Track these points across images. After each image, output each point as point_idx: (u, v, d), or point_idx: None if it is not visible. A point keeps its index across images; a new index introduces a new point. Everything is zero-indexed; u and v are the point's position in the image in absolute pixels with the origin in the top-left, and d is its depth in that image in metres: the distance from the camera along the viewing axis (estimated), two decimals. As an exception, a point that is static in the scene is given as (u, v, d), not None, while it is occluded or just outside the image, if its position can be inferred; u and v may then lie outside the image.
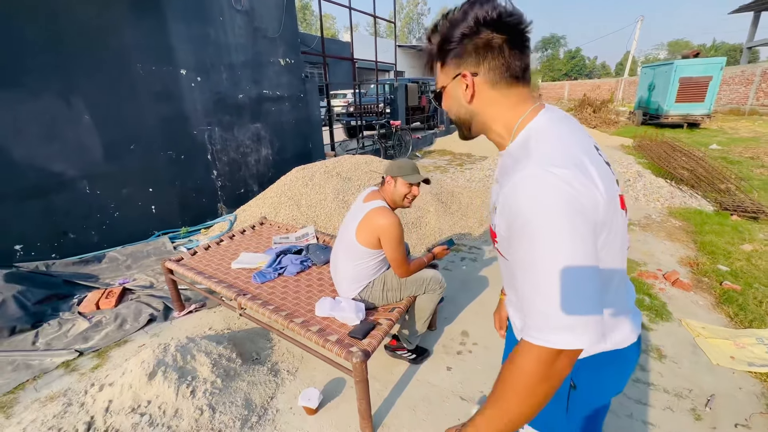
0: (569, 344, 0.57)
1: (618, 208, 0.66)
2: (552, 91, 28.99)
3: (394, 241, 1.73)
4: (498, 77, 0.69)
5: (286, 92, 5.27)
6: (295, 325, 1.72)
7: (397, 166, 1.81)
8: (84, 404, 1.75)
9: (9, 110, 2.80)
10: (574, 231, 0.57)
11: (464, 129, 0.79)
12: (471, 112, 0.74)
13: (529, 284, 0.60)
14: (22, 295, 2.54)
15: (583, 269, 0.57)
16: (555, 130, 0.68)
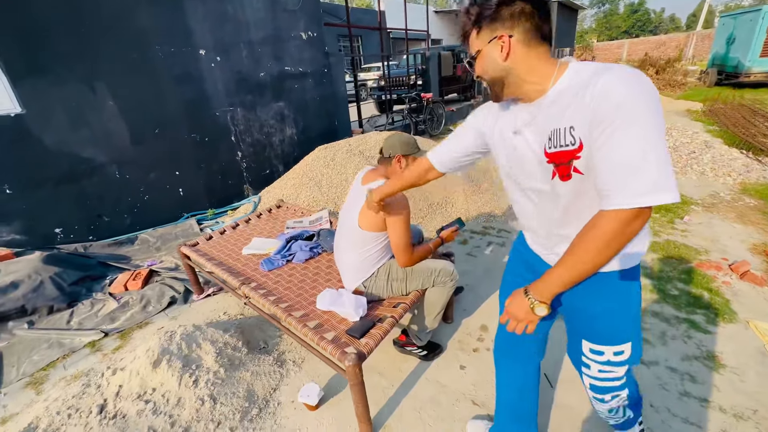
0: (670, 200, 0.70)
1: None
2: (607, 52, 26.10)
3: (400, 222, 1.56)
4: (530, 38, 0.84)
5: (309, 68, 5.10)
6: (293, 319, 1.63)
7: (404, 143, 1.63)
8: (100, 386, 1.81)
9: (39, 99, 2.90)
10: (661, 116, 0.72)
11: (497, 88, 0.91)
12: (506, 69, 0.87)
13: (628, 156, 0.71)
14: (59, 276, 2.70)
15: (665, 147, 0.72)
16: (595, 63, 0.83)
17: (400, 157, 1.64)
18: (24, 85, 2.82)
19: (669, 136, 5.27)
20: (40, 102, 2.90)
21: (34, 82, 2.87)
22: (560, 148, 0.84)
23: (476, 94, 10.51)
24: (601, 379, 1.06)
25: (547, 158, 0.88)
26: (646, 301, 2.23)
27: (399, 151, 1.63)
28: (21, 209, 2.93)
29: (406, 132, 6.90)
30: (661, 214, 3.35)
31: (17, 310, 2.44)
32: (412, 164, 1.58)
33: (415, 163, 1.34)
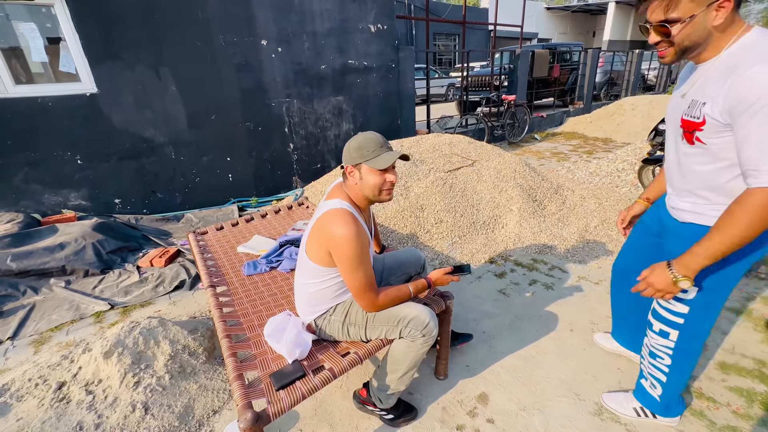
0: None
1: None
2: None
3: (348, 261, 1.19)
4: (738, 1, 0.88)
5: (374, 62, 4.88)
6: (227, 341, 1.40)
7: (356, 147, 1.25)
8: (72, 362, 1.83)
9: (111, 81, 3.21)
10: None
11: (689, 53, 0.96)
12: (711, 34, 0.90)
13: (764, 142, 0.82)
14: (101, 243, 2.95)
15: None
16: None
17: (350, 168, 1.27)
18: (100, 68, 3.14)
19: None
20: (111, 84, 3.21)
21: (108, 66, 3.17)
22: (690, 117, 0.97)
23: (576, 99, 9.15)
24: (662, 307, 1.22)
25: (681, 122, 1.02)
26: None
27: (349, 161, 1.26)
28: (89, 179, 3.30)
29: (480, 138, 6.26)
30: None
31: (59, 269, 2.71)
32: (374, 176, 1.22)
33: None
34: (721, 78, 0.88)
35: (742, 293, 2.25)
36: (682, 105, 1.02)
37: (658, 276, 1.03)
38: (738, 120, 0.85)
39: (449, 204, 3.27)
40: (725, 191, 0.99)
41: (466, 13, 6.25)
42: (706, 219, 1.05)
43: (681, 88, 1.07)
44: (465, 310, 2.24)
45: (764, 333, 1.92)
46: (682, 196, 1.12)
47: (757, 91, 0.80)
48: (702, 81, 0.96)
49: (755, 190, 0.85)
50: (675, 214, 1.17)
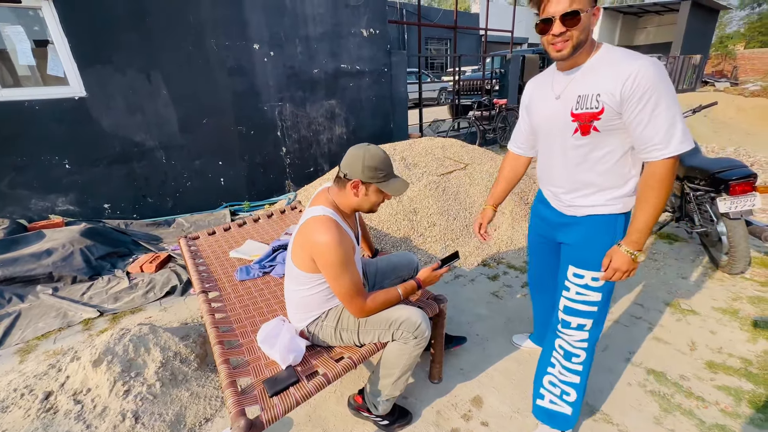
0: (691, 145, 1.01)
1: None
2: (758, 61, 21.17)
3: (331, 267, 1.19)
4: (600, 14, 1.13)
5: (367, 66, 4.90)
6: (219, 348, 1.38)
7: (370, 167, 1.23)
8: (60, 371, 1.79)
9: (101, 85, 3.17)
10: (674, 91, 1.01)
11: (578, 49, 1.06)
12: (588, 35, 1.05)
13: (666, 121, 0.99)
14: (89, 249, 2.89)
15: (680, 110, 1.01)
16: (623, 48, 1.09)
17: (358, 182, 1.25)
18: (89, 72, 3.11)
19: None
20: (101, 88, 3.17)
21: (98, 69, 3.14)
22: (585, 109, 1.09)
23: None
24: (576, 301, 1.28)
25: (572, 117, 1.12)
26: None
27: (359, 176, 1.24)
28: (77, 183, 3.25)
29: (472, 141, 6.31)
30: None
31: (46, 276, 2.66)
32: (379, 196, 1.24)
33: (507, 158, 1.55)
34: (605, 74, 1.04)
35: (728, 294, 2.29)
36: (565, 104, 1.13)
37: (620, 259, 1.12)
38: (636, 105, 1.00)
39: (442, 207, 3.29)
40: (611, 173, 1.14)
41: (458, 18, 6.32)
42: (603, 208, 1.18)
43: (547, 93, 1.20)
44: (458, 312, 2.25)
45: (750, 332, 1.96)
46: (574, 192, 1.21)
47: (648, 80, 0.97)
48: (580, 81, 1.09)
49: (664, 161, 1.01)
50: (571, 212, 1.25)
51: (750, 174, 2.22)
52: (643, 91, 0.98)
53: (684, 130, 0.99)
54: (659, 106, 0.98)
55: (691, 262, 2.68)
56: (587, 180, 1.17)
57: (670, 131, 0.98)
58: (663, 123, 0.99)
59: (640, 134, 1.02)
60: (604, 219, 1.20)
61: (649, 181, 1.05)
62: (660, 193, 1.03)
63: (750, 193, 2.21)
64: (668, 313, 2.15)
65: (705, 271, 2.55)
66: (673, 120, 0.98)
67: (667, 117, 0.98)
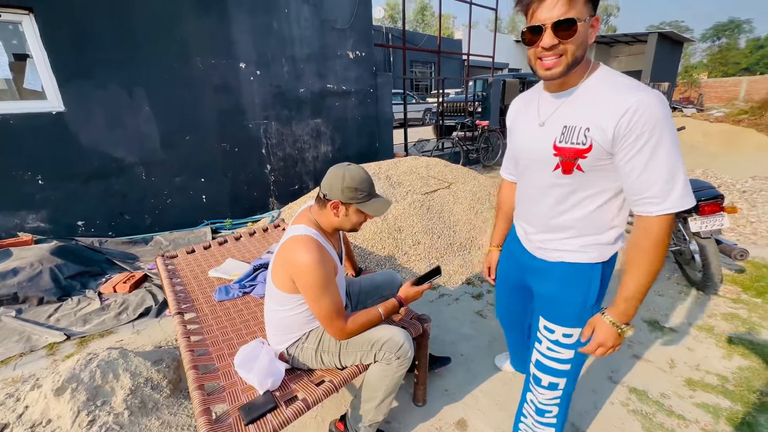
0: (692, 203, 0.84)
1: None
2: (720, 89, 22.66)
3: (311, 289, 1.17)
4: (599, 26, 0.88)
5: (353, 87, 4.99)
6: (193, 373, 1.32)
7: (350, 188, 1.22)
8: (18, 401, 1.67)
9: (80, 99, 3.11)
10: (677, 135, 0.86)
11: (574, 66, 0.87)
12: (585, 52, 0.87)
13: (666, 169, 0.82)
14: (59, 268, 2.76)
15: (682, 160, 0.85)
16: (623, 75, 0.90)
17: (338, 203, 1.24)
18: (69, 86, 3.05)
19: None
20: (80, 102, 3.11)
21: (78, 84, 3.08)
22: (570, 144, 0.91)
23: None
24: (548, 357, 1.14)
25: (555, 151, 0.94)
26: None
27: (338, 197, 1.23)
28: (50, 200, 3.13)
29: (456, 161, 6.44)
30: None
31: (9, 297, 2.51)
32: (360, 216, 1.26)
33: (502, 188, 1.40)
34: (600, 104, 0.86)
35: (704, 311, 2.36)
36: (548, 133, 0.96)
37: (605, 333, 0.95)
38: (632, 147, 0.82)
39: (427, 225, 3.31)
40: (591, 219, 0.98)
41: (441, 43, 6.56)
42: (576, 255, 1.02)
43: (530, 118, 1.02)
44: (443, 332, 2.23)
45: (725, 349, 2.01)
46: (548, 232, 1.06)
47: (650, 118, 0.79)
48: (568, 108, 0.91)
49: (660, 218, 0.84)
50: (541, 254, 1.10)
51: (717, 195, 2.33)
52: (642, 130, 0.80)
53: (686, 183, 0.82)
54: (659, 151, 0.81)
55: (667, 279, 2.75)
56: (563, 224, 1.01)
57: (670, 182, 0.82)
58: (662, 172, 0.82)
59: (633, 182, 0.85)
60: (577, 268, 1.03)
61: (642, 242, 0.87)
62: (655, 256, 0.87)
63: (718, 213, 2.31)
64: (647, 330, 2.19)
65: (681, 289, 2.62)
66: (674, 169, 0.81)
67: (668, 165, 0.81)
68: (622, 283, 0.92)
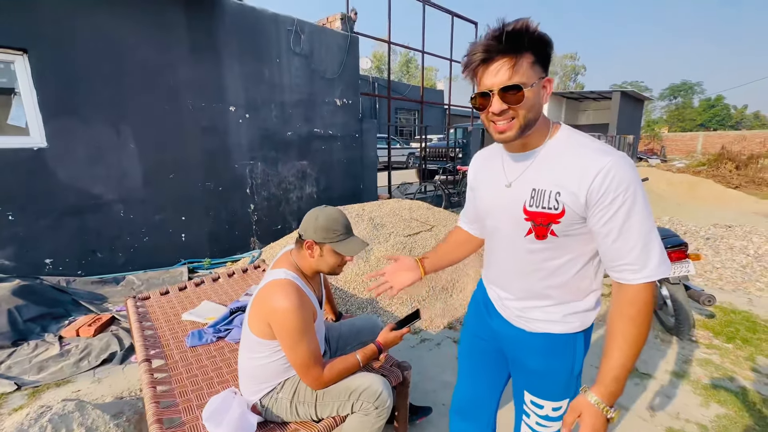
0: (670, 270, 0.82)
1: None
2: (679, 143, 24.65)
3: (288, 335, 1.16)
4: (551, 87, 0.86)
5: (339, 132, 5.18)
6: (157, 427, 1.23)
7: (324, 228, 1.26)
8: (-48, 462, 1.49)
9: (64, 136, 3.11)
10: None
11: (528, 129, 0.85)
12: (540, 114, 0.85)
13: (641, 235, 0.79)
14: (18, 309, 2.59)
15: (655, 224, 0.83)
16: (587, 135, 0.89)
17: (312, 243, 1.27)
18: (54, 123, 3.06)
19: (750, 242, 4.36)
20: (64, 139, 3.11)
21: (63, 121, 3.10)
22: (541, 209, 0.87)
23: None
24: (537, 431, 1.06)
25: (526, 215, 0.89)
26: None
27: (312, 236, 1.26)
28: (18, 236, 3.00)
29: (438, 204, 6.61)
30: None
31: (-42, 341, 2.32)
32: (335, 257, 1.25)
33: (454, 232, 1.28)
34: (567, 167, 0.83)
35: (679, 356, 2.39)
36: (516, 195, 0.91)
37: (593, 418, 0.82)
38: (605, 212, 0.80)
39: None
40: (570, 286, 0.93)
41: (424, 93, 6.99)
42: (559, 326, 0.96)
43: (496, 177, 0.97)
44: (423, 379, 2.17)
45: (702, 396, 2.03)
46: (527, 299, 0.98)
47: (622, 182, 0.77)
48: (534, 170, 0.88)
49: (641, 286, 0.80)
50: (521, 324, 1.01)
51: (681, 243, 2.47)
52: (616, 193, 0.78)
53: (662, 250, 0.80)
54: (633, 216, 0.79)
55: (643, 324, 2.80)
56: (541, 291, 0.95)
57: (647, 249, 0.79)
58: (638, 238, 0.79)
59: (608, 248, 0.82)
60: (562, 339, 0.97)
61: (625, 309, 0.82)
62: (641, 325, 0.81)
63: (684, 260, 2.44)
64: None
65: (657, 334, 2.67)
66: (649, 235, 0.79)
67: (642, 231, 0.79)
68: (608, 357, 0.83)
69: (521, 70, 0.79)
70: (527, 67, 0.79)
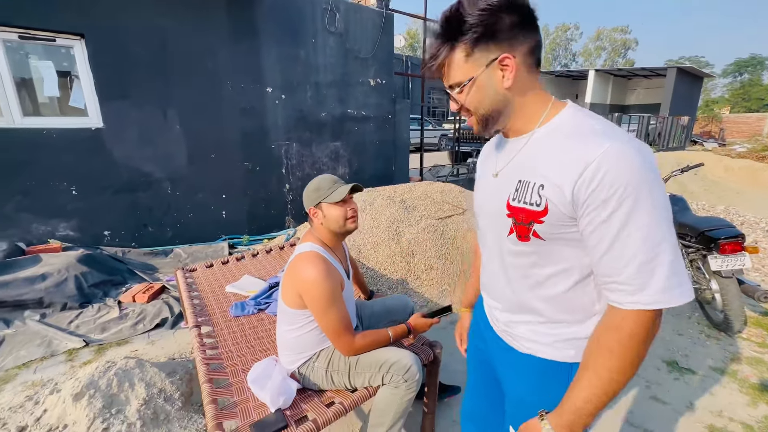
0: (688, 297, 0.61)
1: None
2: (742, 125, 22.40)
3: (318, 302, 1.22)
4: (531, 61, 0.71)
5: (372, 112, 5.16)
6: (208, 386, 1.35)
7: (313, 189, 1.36)
8: (37, 404, 1.72)
9: (118, 117, 3.33)
10: (667, 200, 0.62)
11: (493, 122, 0.75)
12: (507, 100, 0.72)
13: (643, 247, 0.60)
14: (83, 276, 2.88)
15: (673, 235, 0.62)
16: (598, 118, 0.70)
17: (311, 209, 1.38)
18: (109, 105, 3.27)
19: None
20: (118, 120, 3.33)
21: (117, 103, 3.31)
22: (524, 204, 0.73)
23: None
24: None
25: (508, 211, 0.76)
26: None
27: (309, 203, 1.37)
28: (81, 209, 3.29)
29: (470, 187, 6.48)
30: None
31: (35, 301, 2.62)
32: (336, 209, 1.31)
33: (476, 255, 1.09)
34: (556, 154, 0.68)
35: (726, 354, 2.27)
36: (502, 186, 0.78)
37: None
38: (595, 214, 0.62)
39: (440, 251, 3.32)
40: (562, 303, 0.76)
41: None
42: (548, 350, 0.79)
43: (489, 166, 0.85)
44: (453, 360, 2.20)
45: (750, 395, 1.92)
46: (514, 313, 0.84)
47: (619, 177, 0.59)
48: (523, 158, 0.75)
49: (630, 313, 0.63)
50: (508, 340, 0.87)
51: (738, 234, 2.29)
52: (609, 193, 0.60)
53: (675, 271, 0.60)
54: (633, 223, 0.60)
55: (688, 318, 2.67)
56: (527, 303, 0.80)
57: (649, 267, 0.60)
58: (637, 251, 0.60)
59: (598, 261, 0.65)
60: (553, 368, 0.79)
61: (605, 336, 0.66)
62: (624, 361, 0.64)
63: (739, 252, 2.27)
64: (666, 371, 2.12)
65: (702, 329, 2.54)
66: (656, 248, 0.59)
67: (646, 243, 0.59)
68: (575, 387, 0.69)
69: (454, 65, 0.70)
70: (461, 61, 0.69)
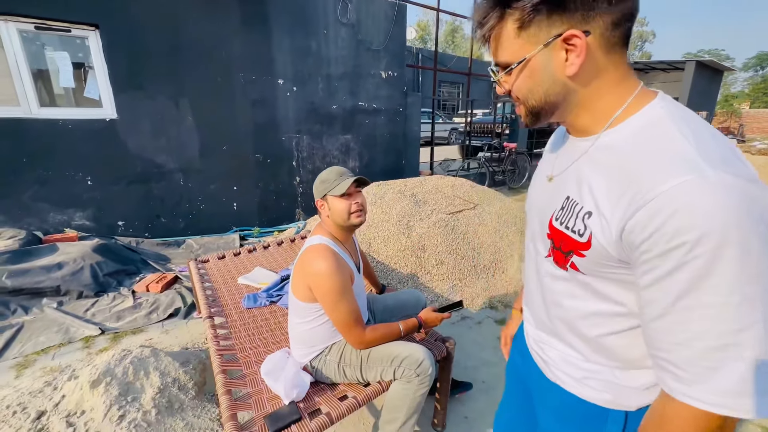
0: (759, 411, 0.42)
1: None
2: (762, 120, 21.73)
3: (328, 295, 1.22)
4: (615, 39, 0.52)
5: (383, 105, 5.11)
6: (222, 377, 1.36)
7: (321, 181, 1.36)
8: (56, 389, 1.76)
9: (131, 109, 3.35)
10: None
11: (546, 116, 0.59)
12: (567, 90, 0.55)
13: (712, 329, 0.43)
14: (98, 265, 2.92)
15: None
16: (694, 123, 0.50)
17: (318, 201, 1.38)
18: (123, 96, 3.29)
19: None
20: (132, 111, 3.34)
21: (131, 94, 3.32)
22: (565, 229, 0.58)
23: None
24: None
25: (549, 230, 0.63)
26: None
27: (317, 196, 1.37)
28: (96, 199, 3.34)
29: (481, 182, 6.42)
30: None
31: (53, 289, 2.67)
32: (340, 202, 1.30)
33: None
34: (614, 175, 0.52)
35: None
36: (551, 197, 0.64)
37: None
38: (649, 268, 0.46)
39: (450, 246, 3.29)
40: (604, 349, 0.60)
41: (471, 65, 6.65)
42: (579, 386, 0.64)
43: (547, 164, 0.70)
44: (465, 356, 2.19)
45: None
46: (546, 334, 0.70)
47: (695, 223, 0.41)
48: (580, 168, 0.58)
49: (683, 407, 0.46)
50: (539, 362, 0.73)
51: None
52: (672, 244, 0.43)
53: (754, 370, 0.42)
54: (704, 291, 0.42)
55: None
56: (560, 334, 0.66)
57: (716, 354, 0.43)
58: (702, 331, 0.43)
59: (646, 324, 0.49)
60: (581, 407, 0.64)
61: (651, 428, 0.52)
62: None
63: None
64: None
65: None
66: (734, 335, 0.42)
67: (717, 321, 0.42)
68: None
69: (503, 39, 0.55)
70: (511, 35, 0.54)
